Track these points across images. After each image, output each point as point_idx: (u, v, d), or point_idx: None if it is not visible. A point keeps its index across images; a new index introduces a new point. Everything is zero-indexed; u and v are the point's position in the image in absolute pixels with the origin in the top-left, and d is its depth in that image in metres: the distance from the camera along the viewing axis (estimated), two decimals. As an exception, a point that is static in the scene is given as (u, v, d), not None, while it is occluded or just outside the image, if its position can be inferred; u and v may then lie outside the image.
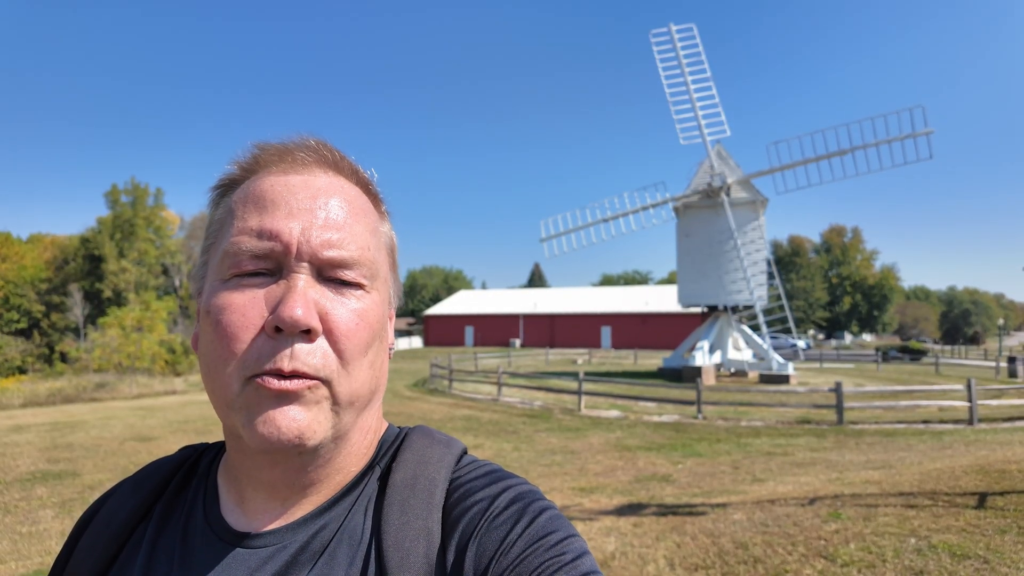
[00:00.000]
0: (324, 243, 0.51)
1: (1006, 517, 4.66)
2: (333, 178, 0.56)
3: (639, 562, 4.29)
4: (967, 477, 6.00)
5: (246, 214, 0.53)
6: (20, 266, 49.56)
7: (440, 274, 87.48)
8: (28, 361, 44.52)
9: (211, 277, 0.54)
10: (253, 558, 0.52)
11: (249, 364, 0.49)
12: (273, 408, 0.48)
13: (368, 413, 0.57)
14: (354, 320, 0.52)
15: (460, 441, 0.62)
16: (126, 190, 52.61)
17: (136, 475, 0.64)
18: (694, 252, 22.92)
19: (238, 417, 0.49)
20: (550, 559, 0.48)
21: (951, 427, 10.95)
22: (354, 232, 0.54)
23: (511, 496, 0.54)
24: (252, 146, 0.57)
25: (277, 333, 0.49)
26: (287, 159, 0.55)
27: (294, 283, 0.50)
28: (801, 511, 5.19)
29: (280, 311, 0.48)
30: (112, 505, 0.61)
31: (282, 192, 0.53)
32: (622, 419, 12.78)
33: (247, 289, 0.51)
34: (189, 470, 0.64)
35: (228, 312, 0.50)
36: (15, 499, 6.88)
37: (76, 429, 12.13)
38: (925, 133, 20.28)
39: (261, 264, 0.51)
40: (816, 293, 76.06)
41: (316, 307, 0.50)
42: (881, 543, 4.25)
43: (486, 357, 32.64)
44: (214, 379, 0.51)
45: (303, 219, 0.52)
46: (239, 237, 0.52)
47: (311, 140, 0.57)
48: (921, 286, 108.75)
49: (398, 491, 0.55)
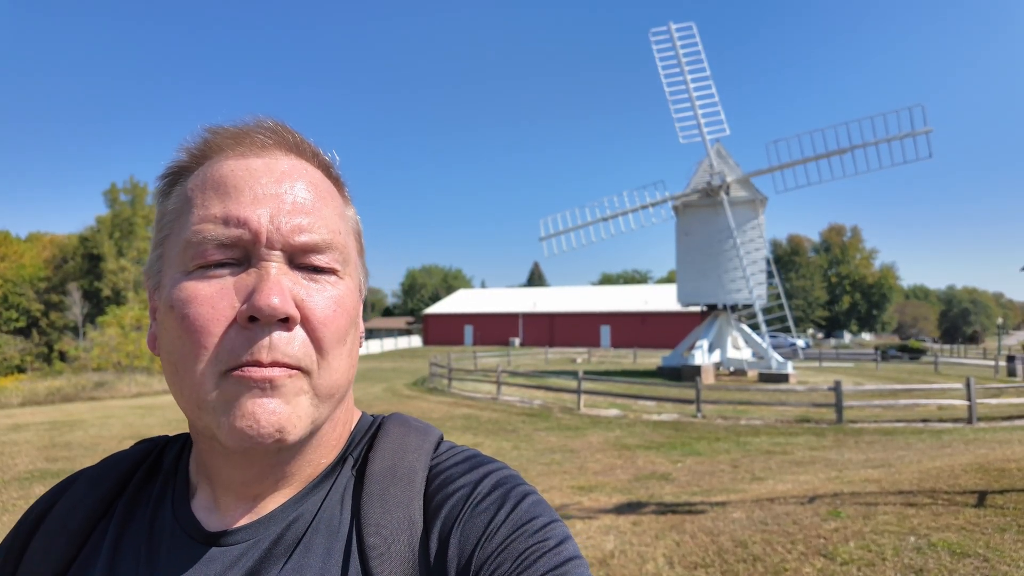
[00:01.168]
0: (294, 228, 0.49)
1: (1006, 515, 4.65)
2: (295, 161, 0.53)
3: (638, 560, 4.29)
4: (966, 475, 6.00)
5: (207, 201, 0.49)
6: (19, 265, 49.53)
7: (439, 273, 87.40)
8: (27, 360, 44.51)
9: (170, 270, 0.50)
10: (225, 556, 0.51)
11: (223, 358, 0.46)
12: (251, 402, 0.46)
13: (342, 404, 0.55)
14: (331, 307, 0.50)
15: (436, 428, 0.61)
16: (125, 189, 52.60)
17: (92, 470, 0.61)
18: (693, 251, 22.90)
19: (211, 417, 0.47)
20: (534, 544, 0.48)
21: (950, 426, 10.95)
22: (323, 216, 0.52)
23: (493, 481, 0.53)
24: (204, 130, 0.54)
25: (252, 324, 0.47)
26: (244, 142, 0.52)
27: (266, 271, 0.48)
28: (800, 509, 5.18)
29: (255, 300, 0.46)
30: (67, 501, 0.58)
31: (244, 176, 0.50)
32: (621, 418, 12.77)
33: (214, 279, 0.48)
34: (152, 465, 0.61)
35: (195, 304, 0.47)
36: (13, 498, 6.86)
37: (75, 428, 12.12)
38: (924, 132, 20.28)
39: (228, 253, 0.48)
40: (815, 292, 76.08)
41: (291, 295, 0.48)
42: (881, 541, 4.24)
43: (485, 356, 32.60)
44: (183, 378, 0.48)
45: (270, 204, 0.49)
46: (202, 226, 0.48)
47: (269, 121, 0.54)
48: (920, 285, 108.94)
49: (377, 481, 0.54)
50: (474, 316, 56.15)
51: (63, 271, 50.93)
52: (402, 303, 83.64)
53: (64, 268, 51.15)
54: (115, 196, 52.31)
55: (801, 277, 76.04)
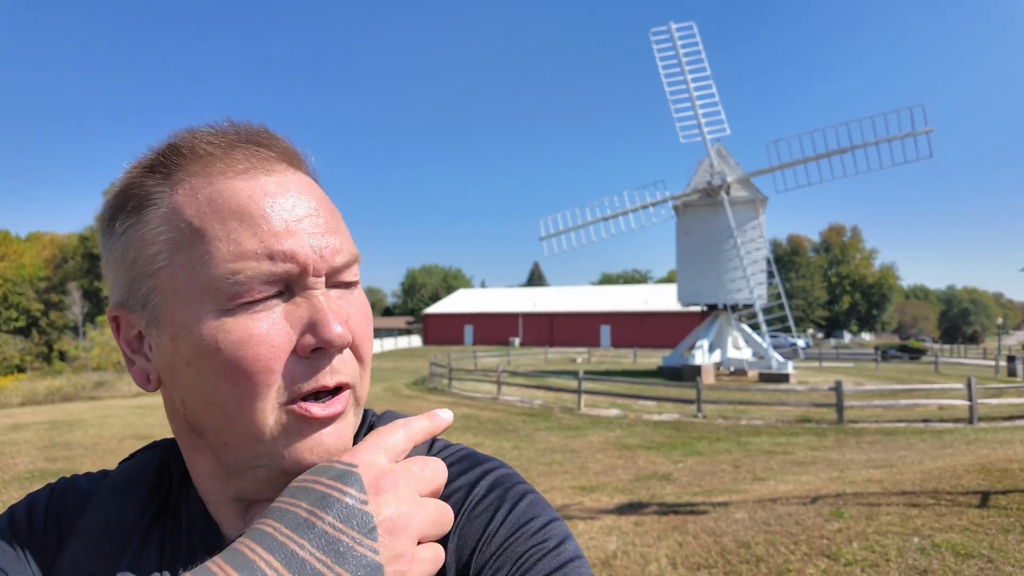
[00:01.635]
0: (332, 252, 0.48)
1: (1009, 516, 4.64)
2: (299, 175, 0.51)
3: (641, 561, 4.27)
4: (969, 476, 5.99)
5: (233, 234, 0.45)
6: (19, 264, 49.54)
7: (439, 273, 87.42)
8: (27, 360, 44.52)
9: (189, 307, 0.46)
10: None
11: (284, 391, 0.46)
12: (320, 432, 0.47)
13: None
14: (365, 321, 0.51)
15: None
16: (125, 188, 52.61)
17: (117, 480, 0.58)
18: (694, 251, 22.90)
19: (270, 448, 0.46)
20: (534, 546, 0.48)
21: (951, 426, 10.95)
22: (342, 230, 0.51)
23: (490, 482, 0.53)
24: (176, 138, 0.50)
25: (314, 354, 0.47)
26: (241, 157, 0.48)
27: (318, 300, 0.47)
28: (803, 510, 5.17)
29: (323, 333, 0.45)
30: (98, 516, 0.55)
31: (265, 201, 0.47)
32: (622, 418, 12.77)
33: (261, 314, 0.46)
34: (167, 473, 0.59)
35: (252, 345, 0.45)
36: (13, 498, 6.85)
37: (75, 428, 12.12)
38: (925, 132, 20.28)
39: (274, 289, 0.46)
40: (815, 292, 76.11)
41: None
42: (884, 542, 4.23)
43: (485, 356, 32.59)
44: (237, 418, 0.46)
45: (304, 231, 0.47)
46: (242, 264, 0.45)
47: (254, 128, 0.51)
48: (920, 285, 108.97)
49: None
50: (474, 316, 56.15)
51: (63, 271, 50.94)
52: (402, 303, 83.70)
53: (64, 268, 51.16)
54: (115, 196, 52.32)
55: (801, 277, 76.06)
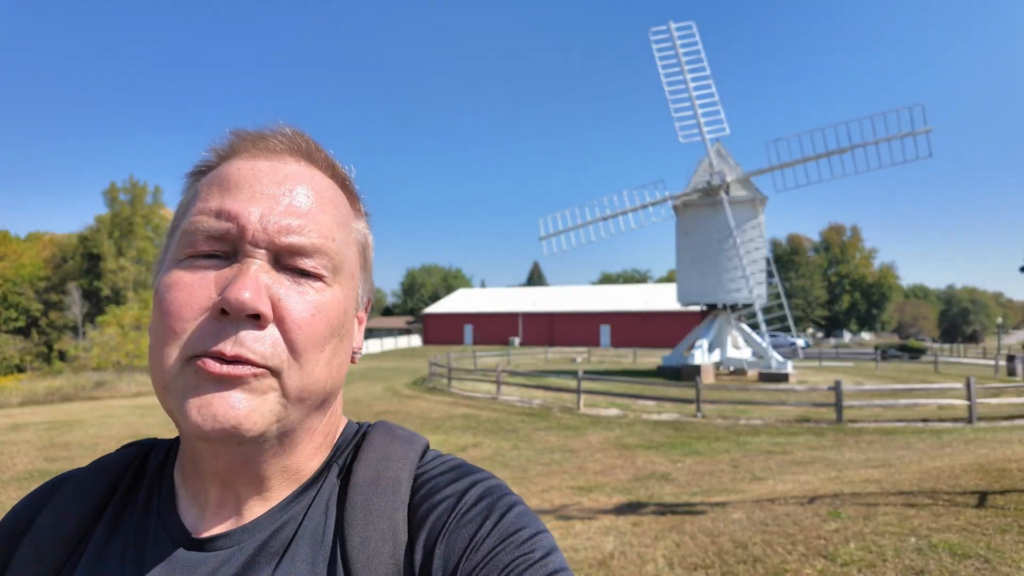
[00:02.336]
0: (282, 228, 0.50)
1: (1007, 516, 4.64)
2: (304, 167, 0.55)
3: (638, 561, 4.27)
4: (967, 476, 5.98)
5: (208, 195, 0.51)
6: (18, 264, 49.52)
7: (439, 272, 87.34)
8: (26, 359, 44.52)
9: (168, 259, 0.53)
10: (210, 560, 0.51)
11: (190, 344, 0.47)
12: (211, 393, 0.46)
13: (319, 413, 0.54)
14: (309, 311, 0.50)
15: (422, 436, 0.61)
16: (125, 188, 52.56)
17: (80, 473, 0.60)
18: (693, 250, 22.89)
19: (174, 400, 0.47)
20: (519, 556, 0.48)
21: (950, 425, 10.94)
22: (318, 221, 0.52)
23: (479, 492, 0.53)
24: (228, 133, 0.56)
25: (223, 316, 0.47)
26: (259, 145, 0.54)
27: (247, 267, 0.48)
28: (801, 510, 5.17)
29: (227, 293, 0.46)
30: (57, 508, 0.57)
31: (247, 176, 0.52)
32: (621, 417, 12.77)
33: (199, 270, 0.49)
34: (138, 470, 0.61)
35: (175, 290, 0.48)
36: (12, 498, 6.85)
37: (74, 428, 12.11)
38: (924, 131, 20.26)
39: (217, 246, 0.50)
40: (815, 291, 76.07)
41: (268, 293, 0.48)
42: (881, 542, 4.23)
43: (485, 355, 32.59)
44: (154, 359, 0.49)
45: (264, 203, 0.50)
46: (197, 217, 0.50)
47: (286, 128, 0.56)
48: (920, 285, 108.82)
49: (361, 490, 0.53)
50: (474, 315, 56.14)
51: (62, 270, 50.91)
52: (402, 302, 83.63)
53: (63, 267, 51.12)
54: (115, 195, 52.27)
55: (801, 276, 76.03)
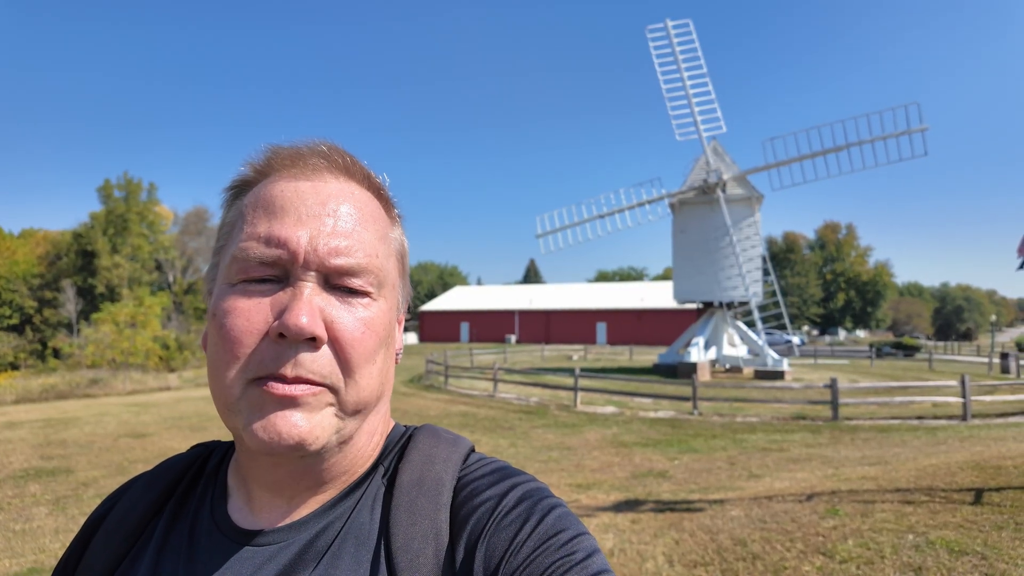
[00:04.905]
0: (332, 251, 0.51)
1: (1003, 513, 4.67)
2: (344, 184, 0.56)
3: (638, 559, 4.29)
4: (963, 473, 6.02)
5: (256, 219, 0.53)
6: (12, 261, 49.23)
7: (435, 270, 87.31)
8: (20, 357, 44.27)
9: (220, 280, 0.54)
10: (258, 556, 0.53)
11: (252, 368, 0.49)
12: (274, 412, 0.48)
13: (375, 416, 0.57)
14: (360, 328, 0.52)
15: (467, 439, 0.62)
16: (119, 185, 52.26)
17: (150, 472, 0.64)
18: (689, 248, 22.93)
19: (239, 420, 0.50)
20: (560, 559, 0.48)
21: (945, 423, 11.01)
22: (362, 239, 0.54)
23: (519, 494, 0.54)
24: (265, 148, 0.58)
25: (281, 339, 0.49)
26: (299, 164, 0.55)
27: (300, 291, 0.50)
28: (799, 507, 5.19)
29: (285, 318, 0.48)
30: (125, 502, 0.62)
31: (292, 198, 0.53)
32: (618, 415, 12.79)
33: (254, 295, 0.51)
34: (200, 468, 0.65)
35: (233, 316, 0.50)
36: (8, 496, 6.83)
37: (69, 425, 12.07)
38: (920, 130, 20.33)
39: (268, 271, 0.51)
40: (810, 289, 76.34)
41: (322, 315, 0.50)
42: (879, 539, 4.25)
43: (482, 353, 32.57)
44: (216, 381, 0.51)
45: (311, 226, 0.52)
46: (248, 243, 0.52)
47: (323, 145, 0.57)
48: (914, 283, 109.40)
49: (405, 491, 0.55)
50: (470, 313, 56.11)
51: (57, 267, 50.60)
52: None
53: (58, 264, 50.81)
54: (109, 192, 51.96)
55: (796, 274, 76.28)
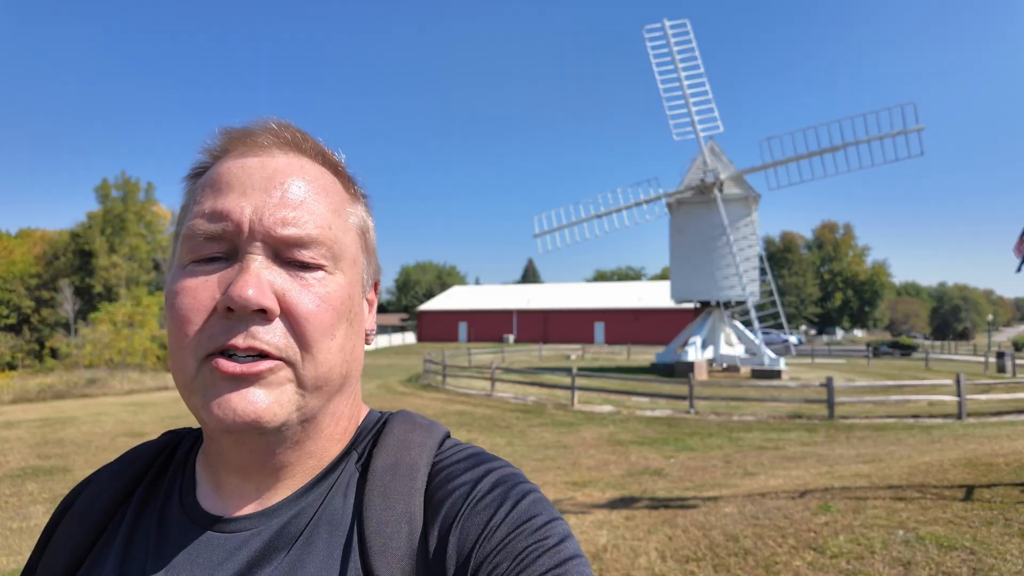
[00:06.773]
0: (278, 221, 0.50)
1: (992, 509, 4.71)
2: (293, 158, 0.55)
3: (631, 555, 4.32)
4: (955, 470, 6.06)
5: (203, 198, 0.52)
6: (9, 261, 49.09)
7: (433, 270, 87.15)
8: (18, 357, 44.15)
9: (174, 266, 0.53)
10: (228, 542, 0.52)
11: (203, 344, 0.48)
12: (230, 390, 0.48)
13: (341, 397, 0.56)
14: (315, 301, 0.51)
15: (442, 425, 0.61)
16: (117, 185, 52.15)
17: (117, 461, 0.63)
18: (687, 248, 22.97)
19: (196, 399, 0.49)
20: (534, 543, 0.48)
21: (940, 421, 11.06)
22: (313, 211, 0.52)
23: (494, 479, 0.53)
24: (219, 131, 0.56)
25: (230, 314, 0.48)
26: (247, 142, 0.54)
27: (247, 264, 0.49)
28: (791, 504, 5.23)
29: (231, 290, 0.47)
30: (91, 492, 0.60)
31: (238, 174, 0.52)
32: (615, 414, 12.83)
33: (201, 274, 0.50)
34: (169, 455, 0.63)
35: (181, 296, 0.50)
36: (5, 495, 6.84)
37: (67, 425, 12.07)
38: (916, 130, 20.40)
39: (216, 247, 0.51)
40: (808, 289, 76.43)
41: (273, 288, 0.49)
42: (870, 535, 4.29)
43: (479, 353, 32.58)
44: (174, 362, 0.51)
45: (256, 199, 0.51)
46: (194, 221, 0.51)
47: (272, 122, 0.56)
48: (912, 282, 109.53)
49: (379, 476, 0.54)
50: (468, 313, 56.11)
51: (54, 267, 50.48)
52: (396, 300, 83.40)
53: (55, 264, 50.69)
54: (107, 192, 51.84)
55: (794, 274, 76.36)
